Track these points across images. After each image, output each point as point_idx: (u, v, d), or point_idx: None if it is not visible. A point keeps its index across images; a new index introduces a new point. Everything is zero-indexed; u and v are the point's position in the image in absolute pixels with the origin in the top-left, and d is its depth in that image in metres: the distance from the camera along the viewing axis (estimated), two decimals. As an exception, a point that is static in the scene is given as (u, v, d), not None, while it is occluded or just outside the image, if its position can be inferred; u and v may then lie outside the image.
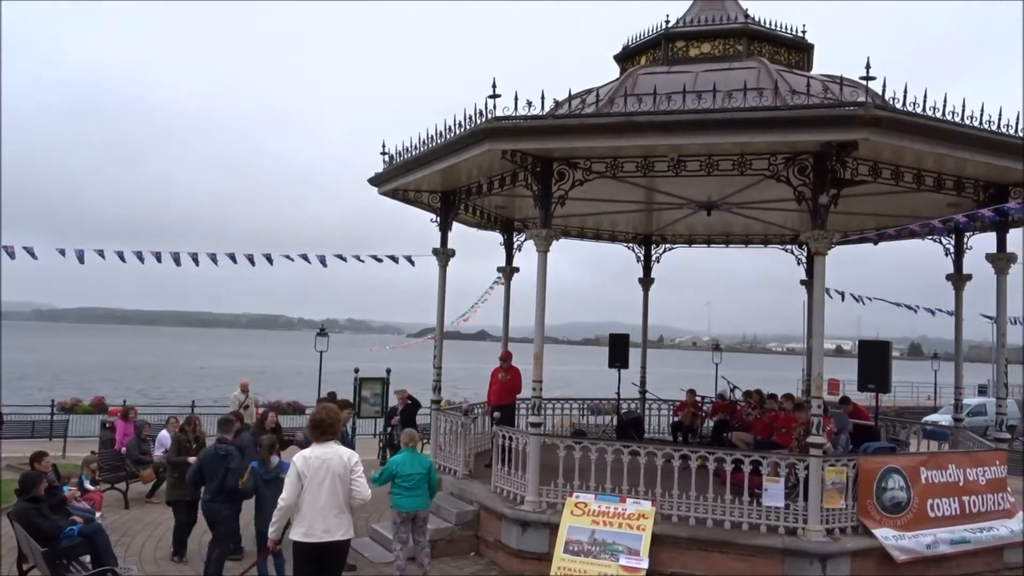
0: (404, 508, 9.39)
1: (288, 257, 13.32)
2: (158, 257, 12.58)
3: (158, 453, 14.31)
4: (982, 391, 40.26)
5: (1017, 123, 9.61)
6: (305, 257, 13.37)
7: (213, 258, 12.88)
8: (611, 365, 16.74)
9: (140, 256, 12.65)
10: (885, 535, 9.36)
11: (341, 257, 13.61)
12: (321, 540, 6.11)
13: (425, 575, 9.55)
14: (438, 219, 13.44)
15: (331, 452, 6.25)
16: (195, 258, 12.70)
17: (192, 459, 10.15)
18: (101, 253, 12.45)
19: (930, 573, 9.66)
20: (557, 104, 10.59)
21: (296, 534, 6.21)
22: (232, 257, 13.03)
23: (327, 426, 6.34)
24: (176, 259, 12.66)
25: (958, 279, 13.21)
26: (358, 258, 13.72)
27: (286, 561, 8.36)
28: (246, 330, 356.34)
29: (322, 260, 13.45)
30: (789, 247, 16.74)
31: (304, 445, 7.38)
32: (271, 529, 6.31)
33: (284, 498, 6.11)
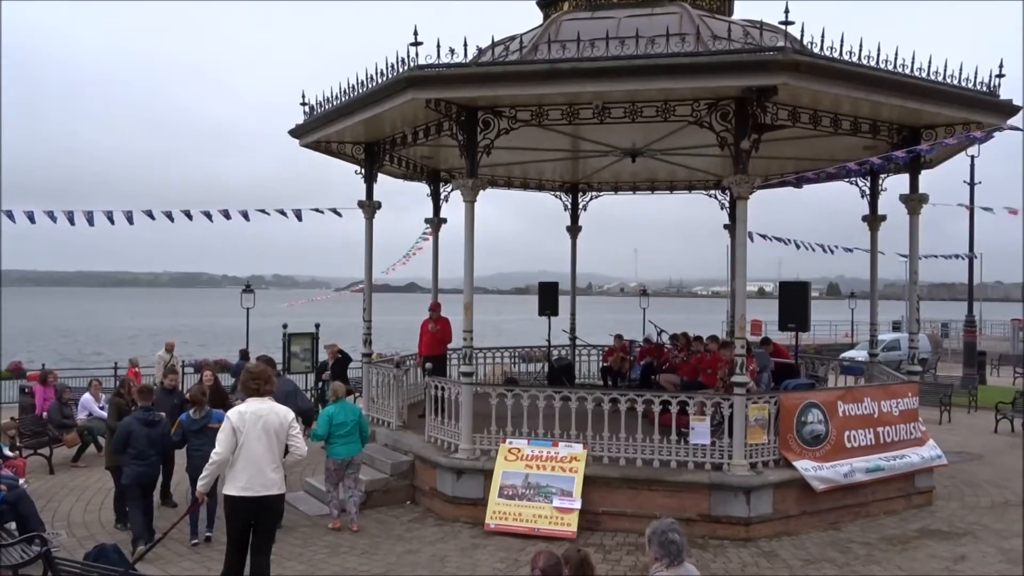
0: (340, 455, 9.81)
1: (207, 214, 12.89)
2: (70, 218, 11.98)
3: (81, 416, 13.95)
4: (896, 327, 42.00)
5: (929, 67, 9.89)
6: (226, 213, 12.95)
7: (129, 216, 12.38)
8: (541, 313, 16.91)
9: (52, 216, 12.05)
10: (805, 466, 9.78)
11: (264, 211, 13.24)
12: (259, 494, 6.13)
13: (351, 526, 9.69)
14: (363, 171, 13.24)
15: (267, 408, 6.23)
16: (110, 216, 12.17)
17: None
18: (11, 215, 11.83)
19: (847, 500, 10.17)
20: (480, 52, 10.45)
21: (234, 489, 6.17)
22: (149, 214, 12.56)
23: (261, 382, 6.28)
24: (90, 219, 12.09)
25: (873, 220, 13.66)
26: (281, 212, 13.36)
27: (218, 504, 8.46)
28: (167, 289, 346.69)
29: (244, 215, 13.07)
30: (712, 192, 17.05)
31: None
32: (201, 482, 6.25)
33: (218, 452, 6.05)
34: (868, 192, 13.58)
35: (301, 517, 10.29)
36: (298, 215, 13.69)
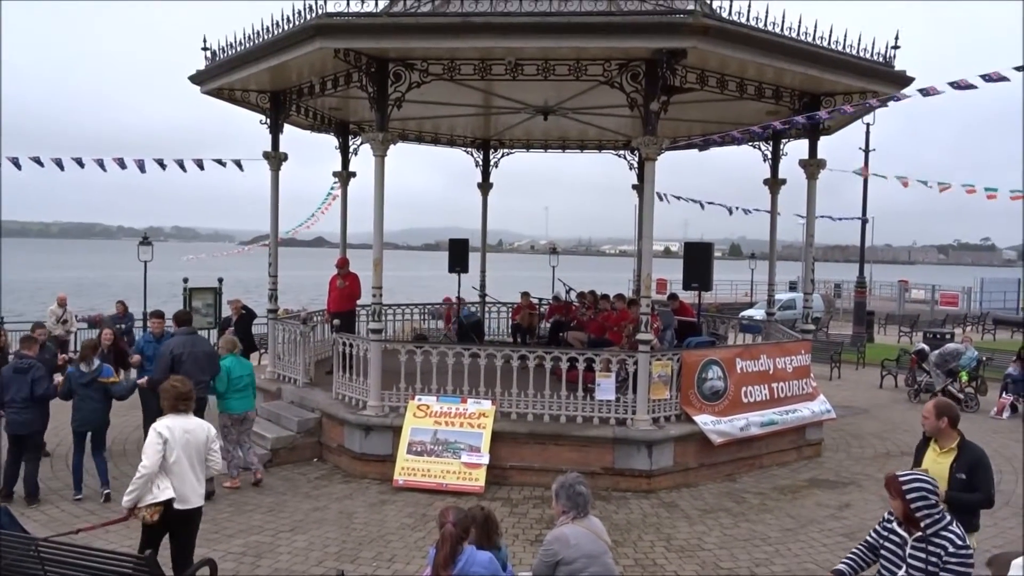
0: (236, 410, 9.71)
1: (100, 163, 12.27)
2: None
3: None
4: (792, 287, 43.72)
5: (830, 36, 10.19)
6: (121, 162, 12.35)
7: (15, 162, 11.70)
8: (451, 270, 16.88)
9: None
10: (704, 421, 10.15)
11: (161, 163, 12.67)
12: (194, 507, 6.22)
13: (255, 476, 9.69)
14: (268, 121, 12.82)
15: (193, 424, 6.30)
16: (-9, 163, 11.48)
17: None
18: None
19: (743, 453, 10.63)
20: (392, 2, 10.21)
21: (166, 496, 6.10)
22: (38, 161, 11.89)
23: (190, 401, 6.36)
24: (-31, 167, 11.39)
25: (774, 183, 14.09)
26: (180, 164, 12.83)
27: (107, 461, 8.99)
28: (58, 240, 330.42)
29: (140, 165, 12.48)
30: (622, 152, 17.24)
31: None
32: (128, 497, 6.10)
33: (146, 466, 5.96)
34: (770, 156, 13.97)
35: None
36: (199, 165, 13.20)
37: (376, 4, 9.37)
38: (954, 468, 5.38)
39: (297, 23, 9.64)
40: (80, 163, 12.15)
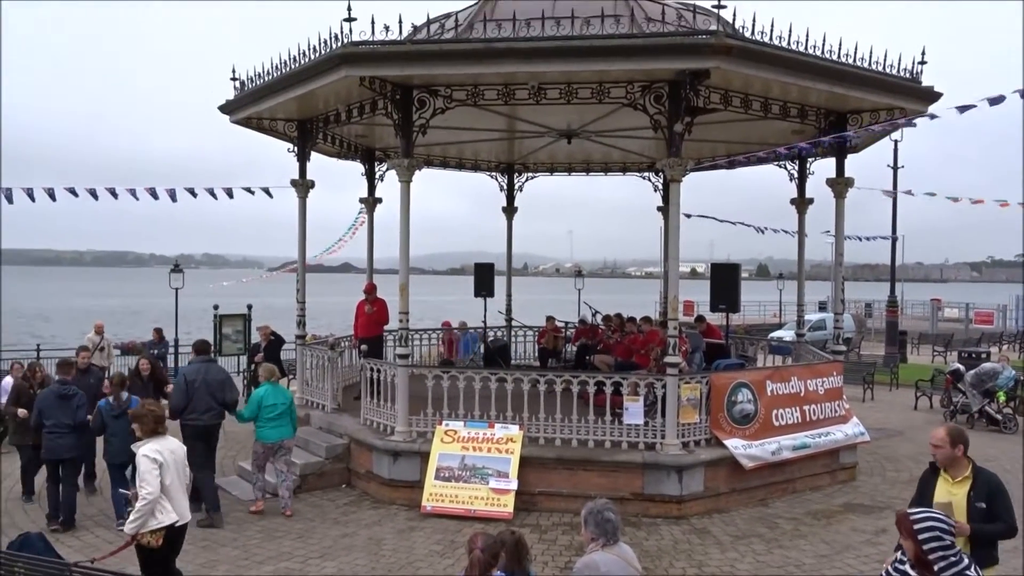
0: (270, 439, 9.68)
1: (132, 192, 12.43)
2: (-12, 195, 11.44)
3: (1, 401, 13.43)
4: (822, 307, 43.21)
5: (855, 53, 10.12)
6: (153, 192, 12.49)
7: (51, 193, 11.88)
8: (477, 294, 16.89)
9: (-34, 192, 11.48)
10: (735, 445, 10.01)
11: (192, 192, 12.80)
12: (181, 524, 6.35)
13: (285, 511, 9.59)
14: (295, 149, 12.98)
15: (174, 444, 6.52)
16: (30, 194, 11.64)
17: (22, 411, 10.04)
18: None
19: (775, 477, 10.45)
20: (416, 29, 10.30)
21: (171, 519, 6.21)
22: (72, 191, 12.06)
23: (162, 420, 6.55)
24: (8, 196, 11.55)
25: (801, 203, 13.98)
26: (211, 193, 12.95)
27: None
28: (91, 268, 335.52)
29: (171, 194, 12.61)
30: (646, 174, 17.20)
31: None
32: (132, 525, 6.15)
33: (151, 493, 6.04)
34: (796, 176, 13.87)
35: (233, 502, 10.11)
36: (229, 194, 13.32)
37: (400, 31, 9.46)
38: (972, 498, 4.99)
39: (323, 52, 9.76)
40: (114, 193, 12.30)
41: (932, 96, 10.78)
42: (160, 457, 6.16)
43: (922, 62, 10.76)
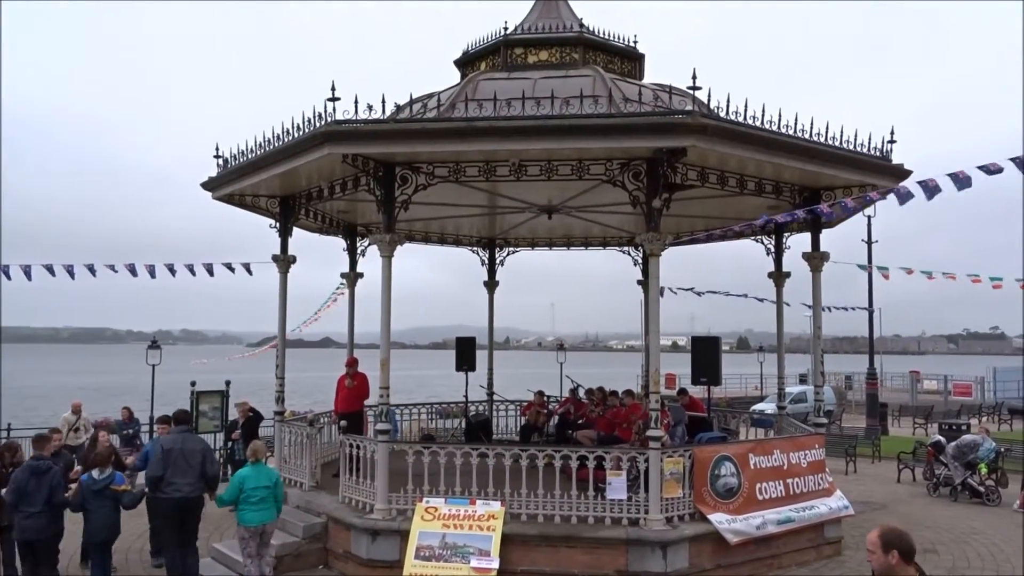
0: (252, 523, 9.14)
1: (111, 268, 12.41)
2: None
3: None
4: (803, 380, 43.36)
5: (827, 132, 10.42)
6: (132, 269, 12.48)
7: (27, 271, 11.83)
8: (458, 368, 16.81)
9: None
10: (719, 519, 9.90)
11: (171, 269, 12.79)
12: None
13: None
14: (278, 225, 13.05)
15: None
16: (6, 271, 11.60)
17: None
18: None
19: (760, 552, 10.31)
20: (398, 108, 10.53)
21: None
22: (49, 269, 12.03)
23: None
24: (-15, 275, 11.50)
25: (778, 276, 14.15)
26: (190, 269, 12.95)
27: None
28: (68, 345, 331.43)
29: (151, 271, 12.60)
30: (626, 248, 17.41)
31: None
32: None
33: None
34: (773, 249, 14.08)
35: (208, 585, 9.81)
36: (209, 271, 13.32)
37: (383, 111, 9.66)
38: None
39: (307, 130, 9.91)
40: (92, 270, 12.27)
41: (902, 173, 11.06)
42: None
43: (891, 141, 11.10)
